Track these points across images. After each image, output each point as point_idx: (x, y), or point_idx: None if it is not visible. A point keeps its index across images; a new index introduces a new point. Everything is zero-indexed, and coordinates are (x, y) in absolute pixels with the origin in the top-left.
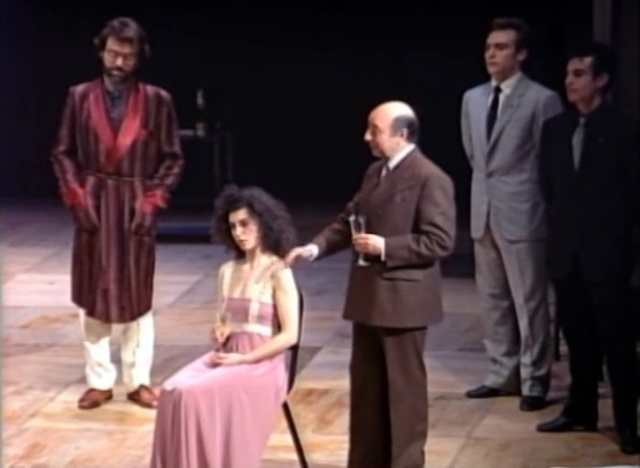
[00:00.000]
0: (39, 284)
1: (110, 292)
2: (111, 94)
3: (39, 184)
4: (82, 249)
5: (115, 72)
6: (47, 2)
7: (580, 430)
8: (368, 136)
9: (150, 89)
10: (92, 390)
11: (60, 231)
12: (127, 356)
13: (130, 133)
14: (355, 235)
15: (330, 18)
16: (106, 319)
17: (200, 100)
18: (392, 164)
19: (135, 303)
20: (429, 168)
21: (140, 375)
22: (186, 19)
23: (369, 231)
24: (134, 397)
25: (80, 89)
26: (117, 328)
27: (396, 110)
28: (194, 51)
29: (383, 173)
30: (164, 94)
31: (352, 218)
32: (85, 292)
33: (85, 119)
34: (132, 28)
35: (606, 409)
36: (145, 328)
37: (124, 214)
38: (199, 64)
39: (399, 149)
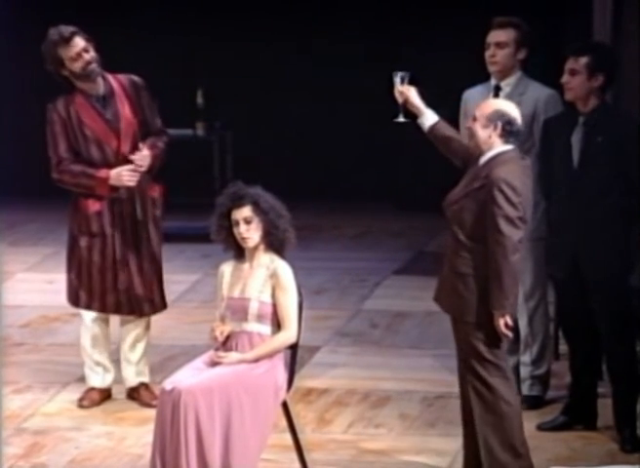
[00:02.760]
0: (38, 283)
1: (133, 287)
2: (95, 97)
3: (39, 184)
4: (89, 252)
5: (90, 67)
6: (47, 2)
7: (580, 429)
8: (467, 123)
9: (123, 77)
10: (91, 389)
11: (59, 231)
12: (126, 352)
13: (130, 128)
14: (399, 88)
15: (330, 18)
16: (130, 312)
17: (200, 100)
18: (483, 160)
19: (157, 294)
20: (504, 170)
21: (139, 372)
22: (186, 19)
23: (463, 224)
24: (133, 395)
25: (61, 102)
26: (115, 325)
27: (499, 104)
28: (194, 51)
29: (474, 167)
30: (137, 78)
31: (398, 73)
32: (103, 294)
33: (79, 129)
34: (65, 27)
35: (605, 408)
36: (145, 322)
37: (136, 207)
38: (199, 64)
39: (491, 144)
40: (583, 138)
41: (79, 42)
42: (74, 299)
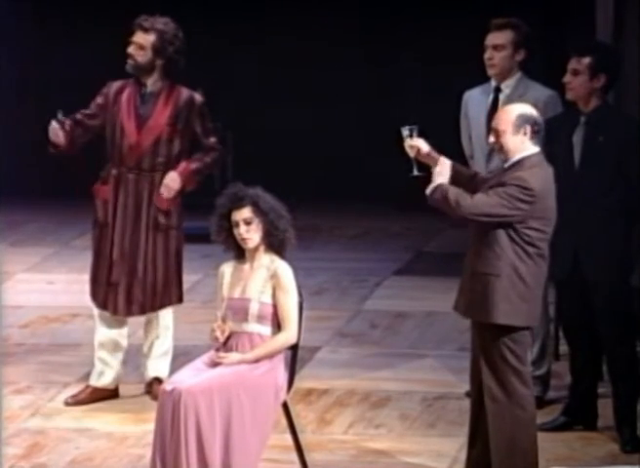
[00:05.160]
0: (39, 283)
1: (120, 285)
2: (143, 91)
3: (39, 184)
4: (96, 242)
5: (128, 60)
6: (48, 2)
7: (580, 430)
8: (491, 139)
9: (184, 90)
10: (85, 387)
11: (59, 231)
12: (145, 347)
13: (154, 129)
14: (409, 142)
15: (330, 18)
16: (114, 311)
17: None
18: (508, 163)
19: (148, 298)
20: (527, 174)
21: (154, 368)
22: (186, 20)
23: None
24: (147, 389)
25: (117, 84)
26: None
27: (518, 109)
28: (194, 51)
29: (498, 172)
30: (197, 97)
31: (406, 127)
32: (96, 285)
33: (115, 113)
34: (150, 20)
35: (606, 408)
36: (165, 321)
37: (142, 208)
38: (199, 64)
39: (523, 149)
40: (585, 138)
41: (139, 36)
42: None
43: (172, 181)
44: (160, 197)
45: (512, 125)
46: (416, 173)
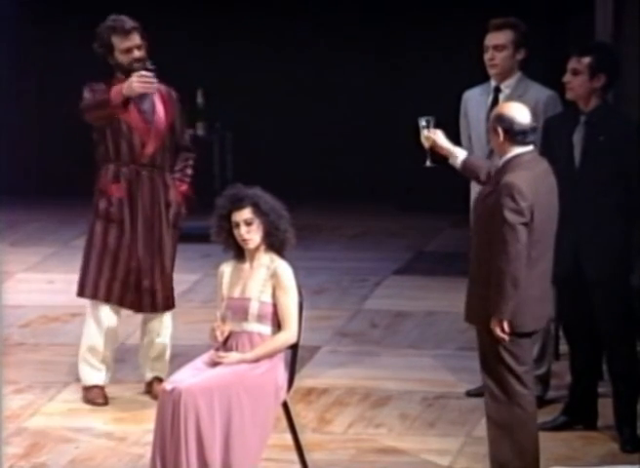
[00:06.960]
0: (39, 283)
1: (143, 282)
2: None
3: (39, 184)
4: (103, 239)
5: (137, 64)
6: (47, 2)
7: (580, 429)
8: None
9: (162, 85)
10: (94, 387)
11: (59, 231)
12: (145, 347)
13: (161, 125)
14: (425, 133)
15: (330, 19)
16: (138, 309)
17: (200, 100)
18: (499, 163)
19: (169, 294)
20: (512, 176)
21: (155, 367)
22: (186, 20)
23: (476, 231)
24: (147, 389)
25: (103, 85)
26: (127, 322)
27: (501, 108)
28: (194, 51)
29: (495, 172)
30: (173, 91)
31: (423, 119)
32: (108, 283)
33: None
34: (127, 19)
35: (606, 407)
36: (166, 320)
37: (160, 205)
38: (199, 64)
39: (505, 149)
40: (585, 138)
41: (135, 38)
42: (86, 288)
43: (181, 211)
44: (176, 192)
45: (492, 124)
46: (429, 164)
